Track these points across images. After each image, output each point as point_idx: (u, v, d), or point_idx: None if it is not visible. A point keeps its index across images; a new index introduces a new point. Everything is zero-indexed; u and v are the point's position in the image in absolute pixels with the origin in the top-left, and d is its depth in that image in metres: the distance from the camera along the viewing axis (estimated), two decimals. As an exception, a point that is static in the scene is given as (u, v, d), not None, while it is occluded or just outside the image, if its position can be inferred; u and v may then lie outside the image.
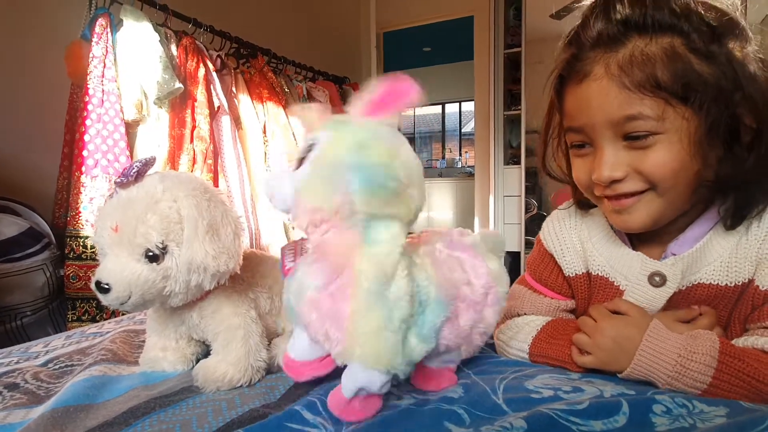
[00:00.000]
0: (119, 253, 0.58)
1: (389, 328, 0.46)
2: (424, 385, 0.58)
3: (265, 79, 2.49)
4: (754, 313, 0.57)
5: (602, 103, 0.56)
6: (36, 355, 0.79)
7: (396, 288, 0.47)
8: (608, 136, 0.57)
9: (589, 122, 0.58)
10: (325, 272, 0.49)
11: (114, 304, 0.58)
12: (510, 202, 3.44)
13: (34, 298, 1.54)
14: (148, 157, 0.62)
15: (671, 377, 0.52)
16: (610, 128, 0.56)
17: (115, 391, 0.61)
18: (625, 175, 0.56)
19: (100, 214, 0.61)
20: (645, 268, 0.63)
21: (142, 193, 0.59)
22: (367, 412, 0.50)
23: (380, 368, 0.47)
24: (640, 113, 0.54)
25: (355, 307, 0.46)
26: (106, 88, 1.70)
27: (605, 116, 0.56)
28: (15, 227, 1.52)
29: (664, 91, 0.53)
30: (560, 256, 0.71)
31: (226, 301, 0.65)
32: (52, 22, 1.92)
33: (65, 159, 1.80)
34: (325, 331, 0.48)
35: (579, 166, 0.63)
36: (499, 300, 0.59)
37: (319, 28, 3.59)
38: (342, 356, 0.48)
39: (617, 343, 0.56)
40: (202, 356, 0.70)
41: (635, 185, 0.57)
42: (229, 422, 0.52)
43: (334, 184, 0.46)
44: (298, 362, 0.57)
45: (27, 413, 0.57)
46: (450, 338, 0.54)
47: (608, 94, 0.55)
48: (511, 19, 3.45)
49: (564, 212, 0.74)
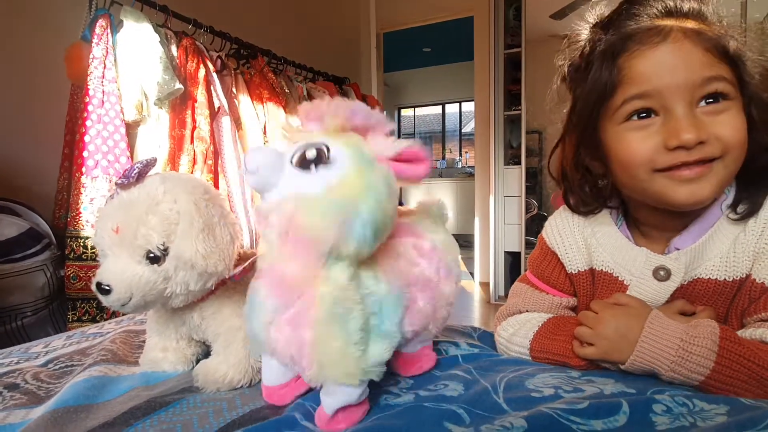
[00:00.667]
0: (120, 255, 0.58)
1: (350, 342, 0.46)
2: (406, 371, 0.60)
3: (265, 79, 2.49)
4: (751, 305, 0.58)
5: (686, 63, 0.56)
6: (36, 355, 0.79)
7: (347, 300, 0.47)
8: (685, 99, 0.56)
9: (668, 83, 0.56)
10: (281, 297, 0.48)
11: (115, 306, 0.58)
12: (510, 202, 3.43)
13: (35, 298, 1.54)
14: (149, 159, 0.62)
15: (674, 363, 0.52)
16: (688, 90, 0.55)
17: (115, 391, 0.61)
18: (708, 137, 0.55)
19: (100, 215, 0.61)
20: (650, 263, 0.64)
21: (143, 194, 0.59)
22: (351, 421, 0.50)
23: (353, 383, 0.47)
24: (720, 75, 0.55)
25: (315, 333, 0.46)
26: (106, 88, 1.70)
27: (687, 76, 0.55)
28: (15, 228, 1.52)
29: (731, 60, 0.56)
30: (563, 254, 0.72)
31: (227, 302, 0.65)
32: (52, 23, 1.93)
33: (65, 160, 1.80)
34: (290, 356, 0.48)
35: (640, 138, 0.59)
36: (451, 270, 0.60)
37: (319, 29, 3.59)
38: (314, 381, 0.48)
39: (619, 332, 0.57)
40: (202, 357, 0.70)
41: (713, 149, 0.55)
42: (230, 423, 0.52)
43: (337, 222, 0.43)
44: (275, 387, 0.57)
45: (27, 413, 0.57)
46: (415, 324, 0.55)
47: (691, 55, 0.56)
48: (510, 20, 3.45)
49: (567, 211, 0.74)
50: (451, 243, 0.62)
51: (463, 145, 7.34)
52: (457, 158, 7.16)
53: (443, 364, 0.66)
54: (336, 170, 0.45)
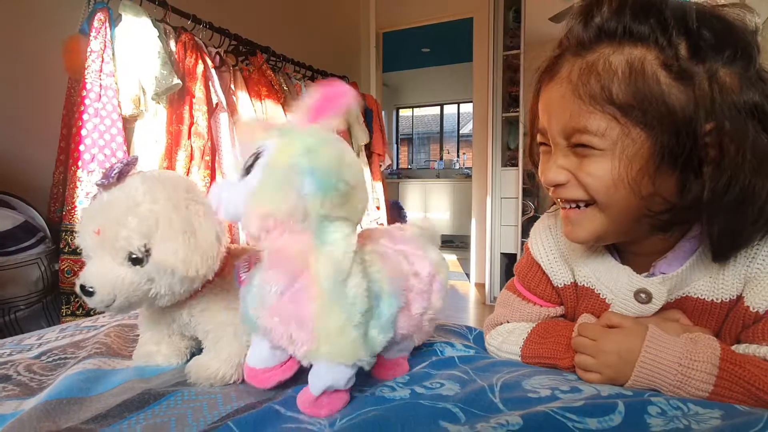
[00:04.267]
0: (102, 257, 0.57)
1: (352, 323, 0.49)
2: (380, 374, 0.62)
3: (263, 76, 2.49)
4: (747, 331, 0.56)
5: (557, 109, 0.56)
6: (29, 347, 0.78)
7: (353, 284, 0.50)
8: (560, 141, 0.56)
9: (546, 125, 0.58)
10: (283, 276, 0.50)
11: (99, 307, 0.58)
12: (507, 203, 3.44)
13: (28, 292, 1.53)
14: (130, 158, 0.61)
15: (674, 386, 0.52)
16: (561, 134, 0.56)
17: (108, 384, 0.61)
18: (567, 180, 0.56)
19: (83, 217, 0.60)
20: (632, 284, 0.61)
21: (123, 195, 0.58)
22: (334, 406, 0.52)
23: (346, 362, 0.50)
24: (585, 127, 0.53)
25: (317, 307, 0.48)
26: (103, 82, 1.69)
27: (559, 123, 0.56)
28: (10, 221, 1.51)
29: (614, 106, 0.50)
30: (547, 267, 0.70)
31: (215, 299, 0.65)
32: (50, 16, 1.92)
33: (62, 153, 1.79)
34: (289, 335, 0.50)
35: (542, 164, 0.62)
36: (442, 286, 0.64)
37: (319, 28, 3.59)
38: (308, 356, 0.50)
39: (621, 357, 0.56)
40: (196, 349, 0.69)
41: (575, 192, 0.56)
42: (225, 416, 0.51)
43: (286, 188, 0.47)
44: (259, 370, 0.57)
45: (19, 404, 0.57)
46: (405, 326, 0.58)
47: (564, 101, 0.54)
48: (510, 22, 3.46)
49: (549, 220, 0.72)
50: (444, 262, 0.67)
51: (461, 146, 7.35)
52: (455, 159, 7.17)
53: (439, 364, 0.66)
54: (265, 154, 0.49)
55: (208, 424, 0.50)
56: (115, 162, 0.60)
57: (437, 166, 7.11)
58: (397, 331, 0.56)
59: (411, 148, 7.88)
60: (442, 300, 0.64)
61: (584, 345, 0.60)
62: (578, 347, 0.60)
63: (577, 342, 0.61)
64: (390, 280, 0.55)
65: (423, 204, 6.44)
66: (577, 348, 0.61)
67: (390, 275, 0.55)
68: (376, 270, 0.54)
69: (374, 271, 0.54)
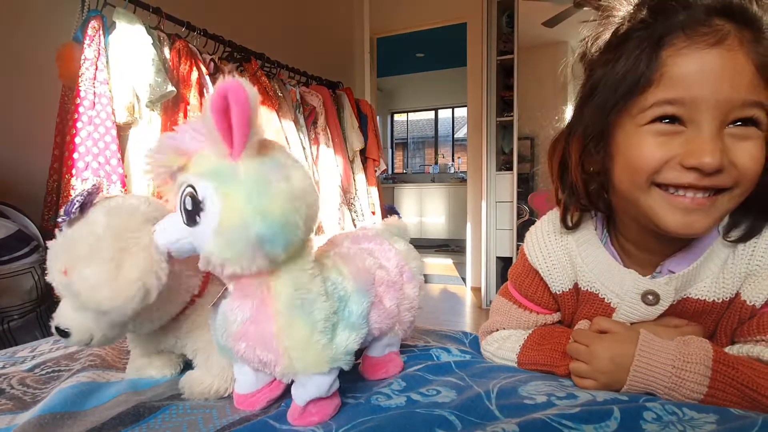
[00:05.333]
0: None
1: (316, 330, 0.49)
2: (373, 374, 0.62)
3: (258, 83, 2.49)
4: (743, 327, 0.57)
5: (732, 78, 0.49)
6: (22, 360, 0.77)
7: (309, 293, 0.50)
8: (714, 117, 0.49)
9: (707, 96, 0.49)
10: (241, 299, 0.50)
11: (79, 346, 0.57)
12: (502, 207, 3.45)
13: (22, 301, 1.52)
14: (91, 187, 0.58)
15: (669, 388, 0.52)
16: (722, 108, 0.49)
17: (102, 397, 0.60)
18: (726, 166, 0.50)
19: (49, 255, 0.56)
20: (638, 287, 0.61)
21: (85, 232, 0.54)
22: (324, 413, 0.52)
23: (323, 370, 0.50)
24: (761, 102, 0.49)
25: (278, 324, 0.48)
26: (97, 90, 1.68)
27: (730, 93, 0.49)
28: (3, 230, 1.50)
29: None
30: (546, 274, 0.68)
31: (198, 319, 0.64)
32: (43, 23, 1.91)
33: (55, 161, 1.78)
34: (258, 358, 0.50)
35: (657, 144, 0.52)
36: (414, 275, 0.65)
37: (313, 33, 3.59)
38: (285, 374, 0.51)
39: (615, 362, 0.56)
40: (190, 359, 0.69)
41: (728, 180, 0.50)
42: (219, 429, 0.51)
43: (247, 248, 0.45)
44: (248, 395, 0.58)
45: (12, 419, 0.56)
46: (381, 321, 0.58)
47: (741, 72, 0.49)
48: (504, 26, 3.48)
49: (549, 224, 0.70)
50: (413, 252, 0.67)
51: (456, 150, 7.37)
52: (450, 164, 7.19)
53: (436, 369, 0.66)
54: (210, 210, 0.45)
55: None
56: (76, 194, 0.56)
57: (432, 171, 7.12)
58: (373, 327, 0.57)
59: (406, 153, 7.89)
60: (416, 289, 0.65)
61: (578, 351, 0.60)
62: (572, 353, 0.61)
63: (572, 348, 0.61)
64: (355, 278, 0.55)
65: (418, 208, 6.44)
66: (571, 354, 0.61)
67: (354, 274, 0.55)
68: (336, 273, 0.54)
69: (335, 274, 0.54)
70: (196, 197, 0.46)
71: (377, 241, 0.64)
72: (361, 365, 0.65)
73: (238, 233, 0.44)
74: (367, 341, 0.57)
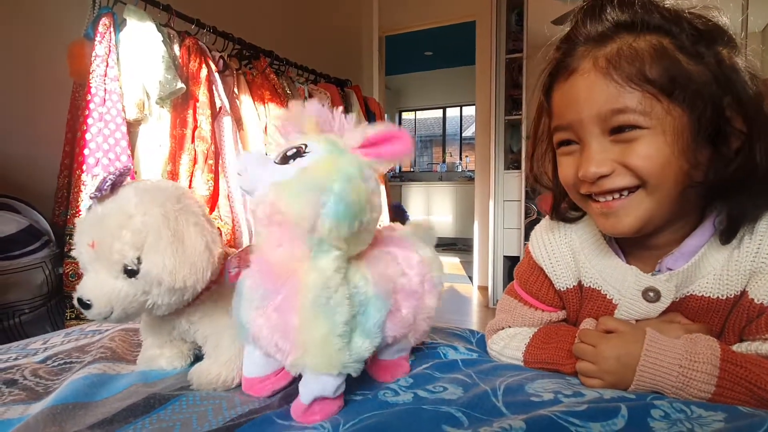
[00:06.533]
0: (98, 270, 0.58)
1: (335, 333, 0.49)
2: (380, 376, 0.62)
3: (267, 80, 2.50)
4: (751, 325, 0.56)
5: (589, 97, 0.55)
6: (35, 351, 0.78)
7: (336, 293, 0.50)
8: (595, 131, 0.56)
9: (576, 118, 0.57)
10: (270, 284, 0.51)
11: (98, 319, 0.59)
12: (510, 206, 3.43)
13: (33, 296, 1.54)
14: (122, 168, 0.61)
15: (676, 387, 0.52)
16: (596, 123, 0.55)
17: (114, 388, 0.61)
18: (612, 170, 0.55)
19: (77, 230, 0.60)
20: (639, 283, 0.61)
21: (116, 208, 0.58)
22: (325, 414, 0.52)
23: (332, 372, 0.50)
24: (626, 106, 0.53)
25: (301, 318, 0.49)
26: (108, 87, 1.70)
27: (592, 110, 0.55)
28: (14, 224, 1.52)
29: (651, 85, 0.53)
30: (550, 271, 0.69)
31: (213, 305, 0.65)
32: (54, 21, 1.93)
33: (66, 157, 1.80)
34: (275, 343, 0.50)
35: (565, 164, 0.61)
36: (435, 285, 0.64)
37: (322, 31, 3.60)
38: (294, 367, 0.50)
39: (621, 362, 0.56)
40: (199, 351, 0.70)
41: (623, 180, 0.55)
42: (230, 421, 0.52)
43: (311, 199, 0.47)
44: (256, 379, 0.58)
45: (25, 409, 0.57)
46: (396, 330, 0.57)
47: (595, 88, 0.55)
48: (513, 25, 3.45)
49: (552, 222, 0.72)
50: (437, 261, 0.66)
51: (464, 149, 7.35)
52: (458, 162, 7.17)
53: (443, 366, 0.66)
54: (309, 157, 0.50)
55: (213, 428, 0.50)
56: (108, 174, 0.60)
57: (440, 169, 7.11)
58: (387, 335, 0.56)
59: (413, 151, 7.87)
60: (435, 299, 0.64)
61: (584, 351, 0.60)
62: (579, 353, 0.61)
63: (578, 348, 0.61)
64: (376, 286, 0.54)
65: (426, 207, 6.44)
66: (577, 354, 0.61)
67: (375, 280, 0.55)
68: (360, 276, 0.54)
69: (358, 278, 0.53)
70: (303, 148, 0.50)
71: (402, 246, 0.63)
72: (370, 366, 0.63)
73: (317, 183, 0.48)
74: (379, 348, 0.56)
